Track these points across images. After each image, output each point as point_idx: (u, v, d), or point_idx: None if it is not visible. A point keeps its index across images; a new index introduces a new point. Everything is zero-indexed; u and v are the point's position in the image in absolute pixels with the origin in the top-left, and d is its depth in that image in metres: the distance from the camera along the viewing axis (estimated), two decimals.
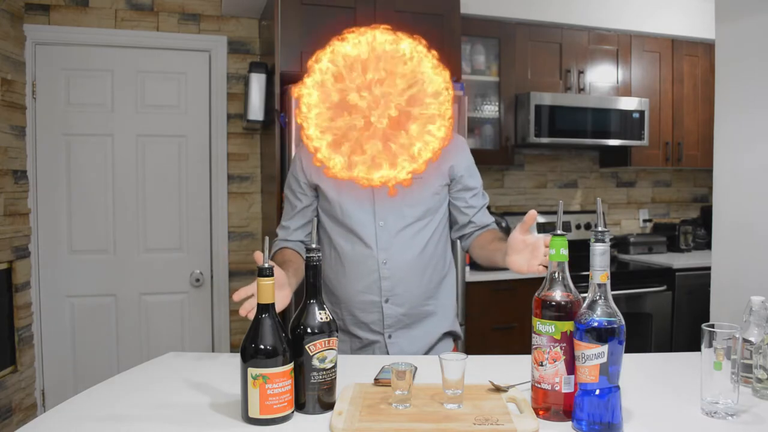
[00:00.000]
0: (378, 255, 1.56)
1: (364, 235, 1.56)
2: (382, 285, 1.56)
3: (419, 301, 1.60)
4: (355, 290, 1.58)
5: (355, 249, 1.58)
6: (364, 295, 1.58)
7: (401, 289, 1.57)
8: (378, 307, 1.57)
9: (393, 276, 1.56)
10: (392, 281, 1.56)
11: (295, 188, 1.66)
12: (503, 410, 1.05)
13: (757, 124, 2.02)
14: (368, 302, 1.58)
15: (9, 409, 2.66)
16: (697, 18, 3.62)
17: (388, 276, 1.56)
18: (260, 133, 3.20)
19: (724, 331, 1.03)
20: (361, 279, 1.57)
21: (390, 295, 1.57)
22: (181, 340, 3.14)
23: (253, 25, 3.22)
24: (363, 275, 1.57)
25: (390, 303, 1.57)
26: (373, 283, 1.57)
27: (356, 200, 1.57)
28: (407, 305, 1.58)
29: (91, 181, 3.02)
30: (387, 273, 1.56)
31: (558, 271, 1.05)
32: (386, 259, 1.56)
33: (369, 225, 1.56)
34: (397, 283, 1.56)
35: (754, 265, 2.02)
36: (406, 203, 1.57)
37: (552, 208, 3.79)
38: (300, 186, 1.64)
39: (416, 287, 1.58)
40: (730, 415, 1.03)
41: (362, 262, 1.57)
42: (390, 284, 1.56)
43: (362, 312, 1.59)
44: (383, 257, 1.56)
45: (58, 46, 2.94)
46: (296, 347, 1.06)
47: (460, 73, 2.95)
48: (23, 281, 2.83)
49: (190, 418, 1.06)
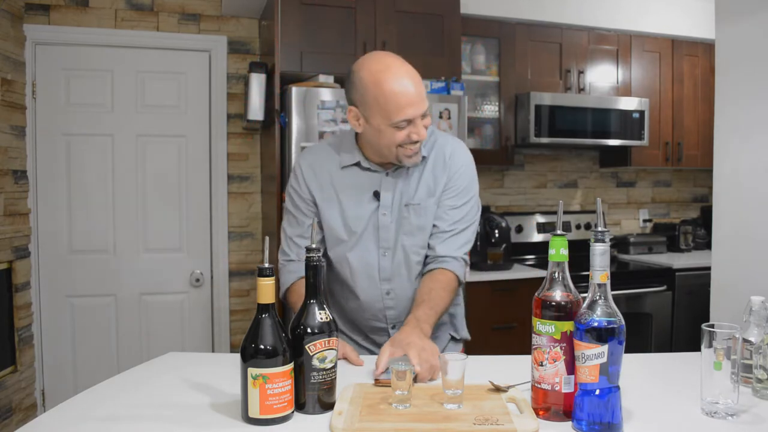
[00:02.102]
0: (381, 286, 1.54)
1: (366, 265, 1.53)
2: (387, 314, 1.56)
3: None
4: (360, 316, 1.59)
5: (358, 278, 1.54)
6: (371, 321, 1.58)
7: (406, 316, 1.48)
8: (386, 331, 1.58)
9: (397, 306, 1.55)
10: (397, 310, 1.55)
11: (299, 203, 1.57)
12: (503, 410, 1.05)
13: (758, 124, 2.02)
14: (376, 328, 1.59)
15: (9, 409, 2.66)
16: (697, 18, 3.62)
17: (393, 306, 1.55)
18: (260, 133, 3.20)
19: (724, 331, 1.03)
20: (366, 308, 1.57)
21: (396, 322, 1.56)
22: (181, 340, 3.14)
23: (253, 25, 3.22)
24: (368, 305, 1.56)
25: (397, 329, 1.53)
26: (378, 312, 1.56)
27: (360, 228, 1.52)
28: None
29: (91, 181, 3.02)
30: (391, 303, 1.55)
31: (558, 271, 1.05)
32: (389, 290, 1.54)
33: (372, 255, 1.53)
34: (402, 311, 1.54)
35: (754, 265, 2.01)
36: (405, 231, 1.52)
37: (552, 208, 3.79)
38: (304, 202, 1.57)
39: None
40: (730, 415, 1.03)
41: (365, 291, 1.55)
42: (395, 313, 1.56)
43: (371, 333, 1.60)
44: (386, 287, 1.54)
45: (58, 46, 2.94)
46: (296, 347, 1.06)
47: (460, 73, 2.95)
48: (23, 281, 2.83)
49: (190, 418, 1.06)
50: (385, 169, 1.52)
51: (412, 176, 1.52)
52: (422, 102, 1.40)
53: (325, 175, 1.54)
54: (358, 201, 1.51)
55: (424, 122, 1.42)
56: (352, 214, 1.51)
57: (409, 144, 1.42)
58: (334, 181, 1.53)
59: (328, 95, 2.55)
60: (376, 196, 1.51)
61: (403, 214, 1.51)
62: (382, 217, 1.51)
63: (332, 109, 2.54)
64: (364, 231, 1.51)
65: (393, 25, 2.79)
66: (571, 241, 1.27)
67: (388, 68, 1.39)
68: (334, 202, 1.53)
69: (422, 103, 1.40)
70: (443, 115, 2.72)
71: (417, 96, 1.38)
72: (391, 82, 1.37)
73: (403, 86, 1.38)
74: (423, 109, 1.40)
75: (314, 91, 2.53)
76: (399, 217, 1.51)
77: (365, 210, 1.51)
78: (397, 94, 1.37)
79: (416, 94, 1.38)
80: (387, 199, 1.51)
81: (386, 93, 1.37)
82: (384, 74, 1.38)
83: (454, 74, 2.90)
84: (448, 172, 1.53)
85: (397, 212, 1.51)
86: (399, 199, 1.51)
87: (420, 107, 1.39)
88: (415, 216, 1.51)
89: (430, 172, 1.53)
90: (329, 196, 1.53)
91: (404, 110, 1.37)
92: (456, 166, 1.54)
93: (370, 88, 1.39)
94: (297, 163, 1.60)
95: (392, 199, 1.51)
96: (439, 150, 1.55)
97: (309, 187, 1.54)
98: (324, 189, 1.54)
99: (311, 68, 2.69)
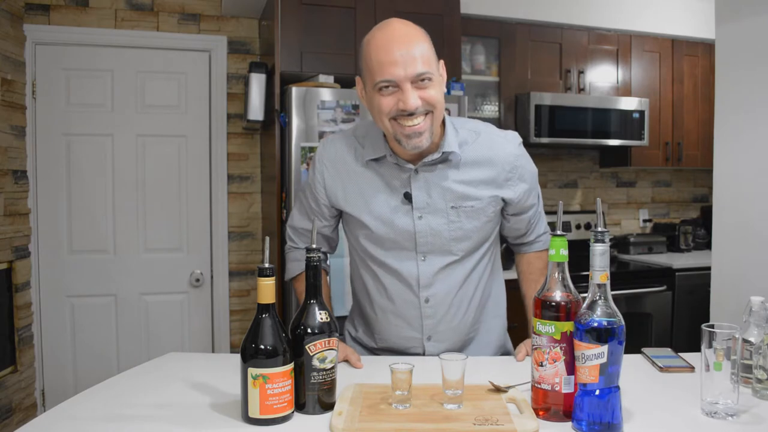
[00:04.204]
0: (420, 293, 1.38)
1: (404, 271, 1.37)
2: (424, 323, 1.39)
3: (465, 332, 1.44)
4: (392, 323, 1.42)
5: (393, 282, 1.39)
6: (403, 330, 1.41)
7: (445, 326, 1.40)
8: (419, 343, 1.41)
9: (435, 314, 1.39)
10: (435, 319, 1.39)
11: (312, 204, 1.46)
12: (503, 410, 1.05)
13: (758, 124, 2.02)
14: (408, 338, 1.42)
15: (9, 409, 2.66)
16: (697, 18, 3.62)
17: (431, 315, 1.39)
18: (260, 133, 3.20)
19: (724, 332, 1.03)
20: (400, 315, 1.40)
21: (432, 333, 1.40)
22: (181, 340, 3.14)
23: (253, 25, 3.22)
24: (402, 311, 1.40)
25: (432, 341, 1.41)
26: (414, 320, 1.40)
27: (394, 233, 1.36)
28: (450, 341, 1.42)
29: (91, 181, 3.02)
30: (430, 312, 1.39)
31: (558, 271, 1.05)
32: (429, 297, 1.38)
33: (410, 260, 1.36)
34: (440, 321, 1.39)
35: (754, 265, 2.02)
36: (453, 237, 1.35)
37: (552, 208, 3.76)
38: (321, 208, 1.44)
39: (461, 322, 1.42)
40: (730, 416, 1.03)
41: (401, 296, 1.39)
42: (433, 323, 1.39)
43: (402, 345, 1.43)
44: (425, 294, 1.38)
45: (58, 46, 2.94)
46: (296, 347, 1.06)
47: (460, 73, 2.95)
48: (23, 281, 2.83)
49: (190, 418, 1.06)
50: (414, 165, 1.33)
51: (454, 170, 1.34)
52: (410, 64, 1.20)
53: (350, 174, 1.38)
54: (387, 204, 1.35)
55: (421, 92, 1.22)
56: (383, 218, 1.35)
57: (403, 118, 1.23)
58: (359, 181, 1.37)
59: (328, 95, 2.55)
60: (407, 198, 1.34)
61: (451, 218, 1.34)
62: (418, 221, 1.34)
63: (332, 109, 2.54)
64: (398, 236, 1.35)
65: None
66: (571, 241, 1.27)
67: (381, 26, 1.25)
68: (360, 205, 1.37)
69: (410, 65, 1.20)
70: None
71: (402, 55, 1.19)
72: (377, 38, 1.23)
73: (387, 42, 1.21)
74: (410, 72, 1.20)
75: (314, 91, 2.53)
76: (445, 220, 1.34)
77: (398, 214, 1.35)
78: (379, 50, 1.21)
79: (402, 53, 1.19)
80: (421, 201, 1.34)
81: (371, 50, 1.23)
82: (375, 31, 1.25)
83: (454, 74, 2.90)
84: (516, 172, 1.38)
85: (440, 216, 1.34)
86: (441, 198, 1.34)
87: (406, 69, 1.20)
88: (465, 218, 1.35)
89: (484, 164, 1.36)
90: (354, 199, 1.38)
91: (385, 69, 1.21)
92: (526, 163, 1.41)
93: (363, 49, 1.26)
94: (317, 156, 1.43)
95: (428, 199, 1.34)
96: (492, 143, 1.37)
97: (327, 189, 1.41)
98: (348, 190, 1.38)
99: (311, 68, 2.69)
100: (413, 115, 1.23)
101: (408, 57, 1.20)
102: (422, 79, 1.22)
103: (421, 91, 1.23)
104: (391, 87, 1.23)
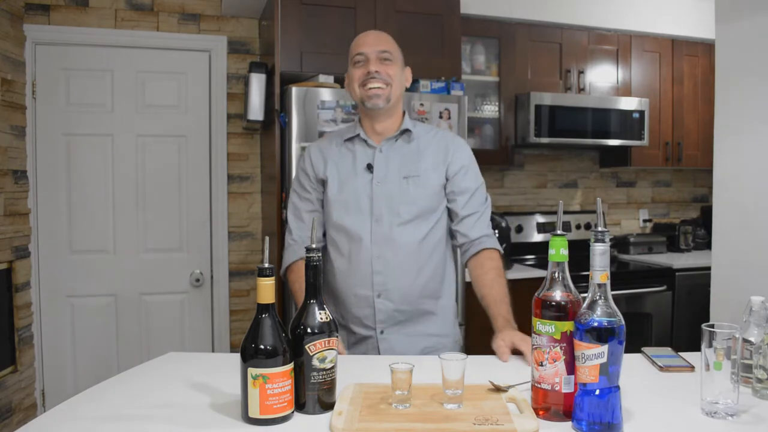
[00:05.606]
0: (372, 250, 1.60)
1: (359, 229, 1.62)
2: (375, 279, 1.60)
3: (413, 298, 1.63)
4: (348, 284, 1.63)
5: (351, 243, 1.63)
6: (357, 288, 1.62)
7: (393, 285, 1.60)
8: (370, 302, 1.61)
9: (385, 271, 1.60)
10: (384, 276, 1.60)
11: (306, 184, 1.72)
12: (503, 410, 1.05)
13: (758, 124, 2.02)
14: (361, 296, 1.62)
15: (9, 409, 2.66)
16: (697, 18, 3.62)
17: (381, 270, 1.60)
18: (260, 133, 3.20)
19: (724, 331, 1.03)
20: (355, 273, 1.62)
21: (382, 290, 1.60)
22: (181, 340, 3.14)
23: (253, 25, 3.22)
24: (356, 269, 1.62)
25: (382, 298, 1.61)
26: (365, 277, 1.61)
27: (355, 196, 1.64)
28: (399, 301, 1.61)
29: (91, 181, 3.02)
30: (379, 267, 1.60)
31: (558, 271, 1.05)
32: (380, 254, 1.60)
33: (365, 221, 1.62)
34: (389, 278, 1.60)
35: (754, 265, 2.02)
36: (403, 201, 1.62)
37: (552, 208, 3.79)
38: (311, 180, 1.71)
39: (410, 285, 1.61)
40: (730, 416, 1.03)
41: (356, 255, 1.62)
42: (382, 279, 1.60)
43: (355, 306, 1.63)
44: (377, 252, 1.60)
45: (58, 46, 2.94)
46: (296, 347, 1.06)
47: (460, 73, 2.95)
48: (23, 281, 2.83)
49: (190, 418, 1.06)
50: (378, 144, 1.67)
51: (409, 151, 1.67)
52: (378, 43, 1.62)
53: (331, 154, 1.70)
54: (354, 171, 1.66)
55: (384, 66, 1.60)
56: (349, 183, 1.65)
57: (369, 81, 1.60)
58: (336, 158, 1.69)
59: (328, 95, 2.55)
60: (369, 169, 1.65)
61: (402, 187, 1.62)
62: (375, 187, 1.62)
63: (332, 109, 2.54)
64: (359, 199, 1.63)
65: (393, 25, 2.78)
66: (571, 241, 1.27)
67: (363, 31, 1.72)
68: (334, 173, 1.67)
69: (378, 44, 1.62)
70: (443, 115, 2.72)
71: (374, 39, 1.63)
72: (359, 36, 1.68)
73: (365, 34, 1.67)
74: (377, 48, 1.61)
75: (314, 91, 2.53)
76: (397, 188, 1.62)
77: (360, 181, 1.64)
78: (358, 39, 1.66)
79: (373, 39, 1.64)
80: (380, 171, 1.64)
81: (353, 43, 1.67)
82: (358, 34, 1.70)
83: (454, 74, 2.90)
84: (453, 153, 1.67)
85: (394, 184, 1.63)
86: (396, 171, 1.64)
87: (374, 46, 1.61)
88: (414, 187, 1.63)
89: (432, 149, 1.67)
90: (330, 169, 1.68)
91: (359, 46, 1.63)
92: (463, 149, 1.70)
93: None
94: (308, 146, 1.80)
95: (386, 171, 1.64)
96: (441, 136, 1.72)
97: (314, 165, 1.70)
98: (328, 164, 1.69)
99: (311, 68, 2.69)
100: (374, 79, 1.60)
101: (377, 41, 1.64)
102: (385, 58, 1.62)
103: (383, 65, 1.61)
104: (362, 61, 1.62)
